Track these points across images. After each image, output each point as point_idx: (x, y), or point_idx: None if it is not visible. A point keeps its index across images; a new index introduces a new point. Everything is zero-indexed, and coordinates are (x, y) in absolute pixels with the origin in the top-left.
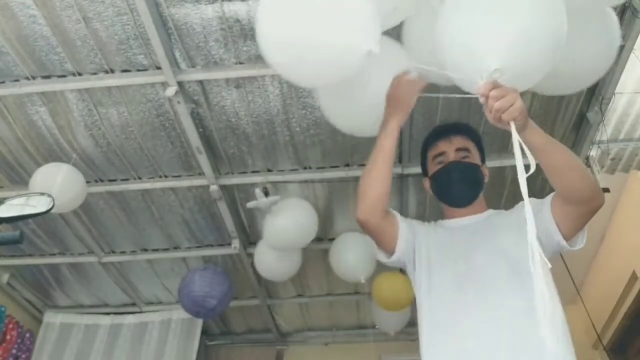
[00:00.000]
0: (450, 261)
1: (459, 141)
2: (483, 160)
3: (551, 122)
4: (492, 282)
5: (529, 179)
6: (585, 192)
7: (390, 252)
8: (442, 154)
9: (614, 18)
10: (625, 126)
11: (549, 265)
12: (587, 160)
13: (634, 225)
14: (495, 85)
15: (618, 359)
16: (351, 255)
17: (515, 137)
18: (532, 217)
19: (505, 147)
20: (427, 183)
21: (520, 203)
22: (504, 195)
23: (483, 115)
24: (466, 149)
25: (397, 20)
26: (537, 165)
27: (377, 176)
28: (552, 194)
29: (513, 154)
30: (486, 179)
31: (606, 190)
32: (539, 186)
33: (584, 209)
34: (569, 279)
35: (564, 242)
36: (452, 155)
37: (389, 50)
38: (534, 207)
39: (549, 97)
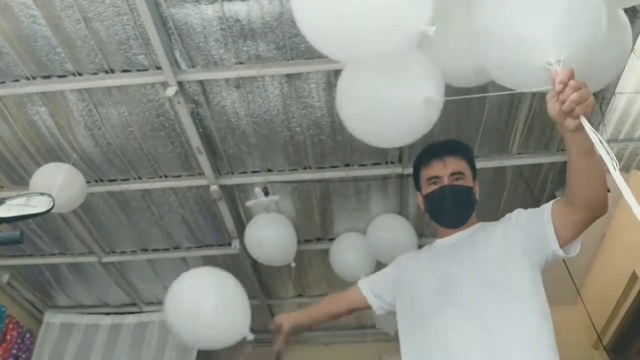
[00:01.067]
0: (428, 282)
1: (452, 165)
2: (474, 176)
3: (551, 122)
4: (468, 297)
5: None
6: (597, 200)
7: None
8: (436, 177)
9: (626, 20)
10: (625, 126)
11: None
12: None
13: (634, 225)
14: (573, 76)
15: (618, 359)
16: (351, 255)
17: (591, 131)
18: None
19: (505, 147)
20: (419, 198)
21: (508, 215)
22: (504, 196)
23: (484, 115)
24: (460, 173)
25: None
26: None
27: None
28: (554, 200)
29: (513, 154)
30: (477, 196)
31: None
32: (539, 187)
33: (587, 216)
34: (569, 279)
35: (558, 250)
36: (446, 180)
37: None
38: (528, 217)
39: None
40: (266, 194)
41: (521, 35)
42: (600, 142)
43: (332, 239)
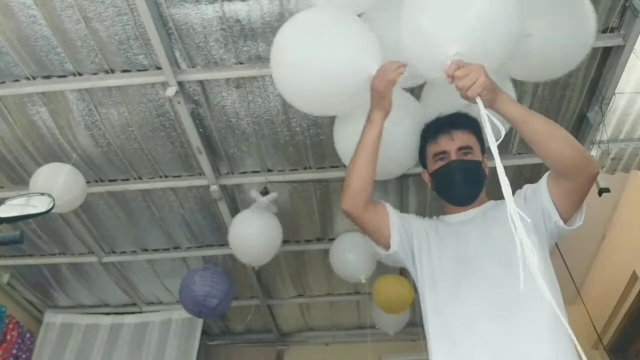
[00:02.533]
0: (450, 257)
1: (460, 138)
2: (483, 150)
3: None
4: (486, 275)
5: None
6: (574, 160)
7: (386, 245)
8: (443, 152)
9: (588, 4)
10: (625, 126)
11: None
12: None
13: (634, 225)
14: (460, 65)
15: (618, 359)
16: (351, 255)
17: (483, 112)
18: (508, 187)
19: (505, 147)
20: (426, 176)
21: (518, 191)
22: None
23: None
24: (468, 147)
25: None
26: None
27: (360, 166)
28: (547, 172)
29: (513, 154)
30: (487, 171)
31: (606, 190)
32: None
33: (578, 179)
34: (569, 279)
35: (561, 222)
36: (454, 155)
37: None
38: (531, 191)
39: (550, 96)
40: (266, 193)
41: (424, 33)
42: (487, 115)
43: (332, 239)
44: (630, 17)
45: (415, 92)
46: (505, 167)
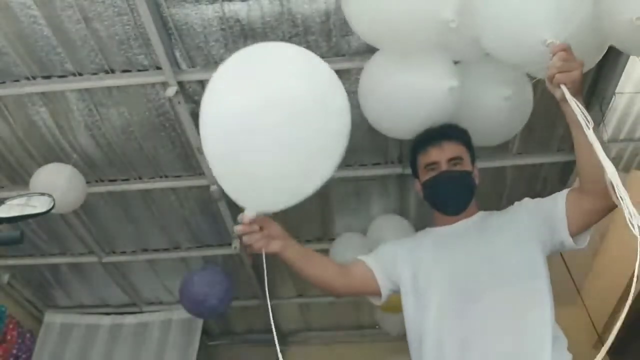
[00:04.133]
0: (439, 270)
1: (450, 149)
2: (473, 160)
3: (551, 122)
4: (478, 287)
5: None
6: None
7: (378, 295)
8: (434, 163)
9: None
10: (625, 126)
11: None
12: None
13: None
14: (567, 49)
15: (619, 359)
16: (351, 255)
17: (570, 97)
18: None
19: (505, 147)
20: (417, 186)
21: (516, 203)
22: (504, 196)
23: None
24: (458, 157)
25: None
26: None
27: (308, 277)
28: (569, 188)
29: (513, 154)
30: (477, 181)
31: None
32: (540, 187)
33: (600, 204)
34: (570, 279)
35: (568, 239)
36: (445, 165)
37: None
38: (541, 202)
39: (550, 97)
40: None
41: (521, 15)
42: (577, 106)
43: (332, 239)
44: None
45: None
46: (505, 167)
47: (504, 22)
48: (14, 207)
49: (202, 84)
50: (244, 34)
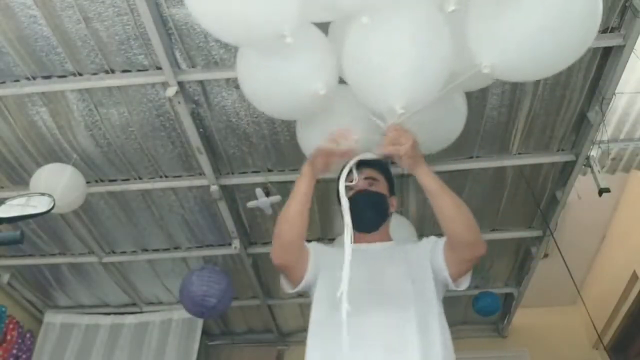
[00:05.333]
0: (354, 287)
1: (368, 171)
2: (392, 192)
3: (552, 122)
4: (364, 309)
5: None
6: (467, 240)
7: (296, 283)
8: (352, 180)
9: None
10: (625, 126)
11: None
12: (587, 160)
13: (634, 225)
14: (397, 128)
15: (619, 359)
16: None
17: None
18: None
19: (505, 147)
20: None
21: (425, 240)
22: (504, 196)
23: (484, 115)
24: (374, 178)
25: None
26: None
27: (293, 217)
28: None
29: (513, 154)
30: (393, 209)
31: (607, 190)
32: (540, 187)
33: (465, 255)
34: (570, 279)
35: (450, 281)
36: (361, 184)
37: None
38: (434, 246)
39: (550, 97)
40: (267, 194)
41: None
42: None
43: (332, 239)
44: (630, 17)
45: None
46: (506, 167)
47: (362, 83)
48: (14, 207)
49: (202, 84)
50: None
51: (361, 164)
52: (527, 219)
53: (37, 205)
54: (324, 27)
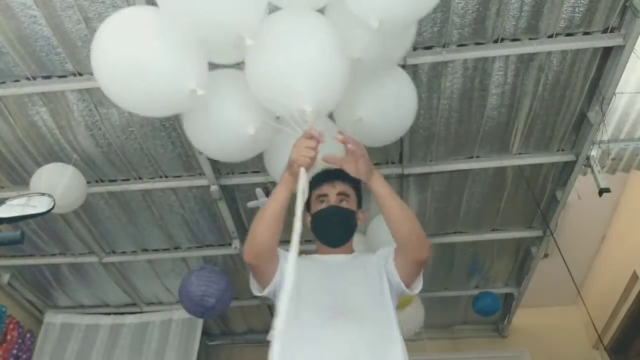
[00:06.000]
0: (322, 294)
1: (340, 186)
2: (360, 206)
3: (552, 123)
4: (323, 321)
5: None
6: (411, 243)
7: (263, 286)
8: (325, 195)
9: (404, 74)
10: (625, 126)
11: None
12: (587, 161)
13: (634, 225)
14: (353, 142)
15: (619, 359)
16: None
17: (302, 179)
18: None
19: (505, 147)
20: (307, 219)
21: (381, 249)
22: (504, 196)
23: (484, 115)
24: (346, 194)
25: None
26: None
27: (266, 223)
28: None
29: (513, 154)
30: (360, 223)
31: (607, 190)
32: (540, 187)
33: (411, 257)
34: (569, 279)
35: (403, 285)
36: (333, 199)
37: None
38: (387, 252)
39: (550, 97)
40: (267, 194)
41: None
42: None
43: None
44: (630, 17)
45: None
46: (506, 167)
47: (269, 97)
48: (14, 207)
49: None
50: None
51: (335, 177)
52: (527, 219)
53: (37, 205)
54: None
